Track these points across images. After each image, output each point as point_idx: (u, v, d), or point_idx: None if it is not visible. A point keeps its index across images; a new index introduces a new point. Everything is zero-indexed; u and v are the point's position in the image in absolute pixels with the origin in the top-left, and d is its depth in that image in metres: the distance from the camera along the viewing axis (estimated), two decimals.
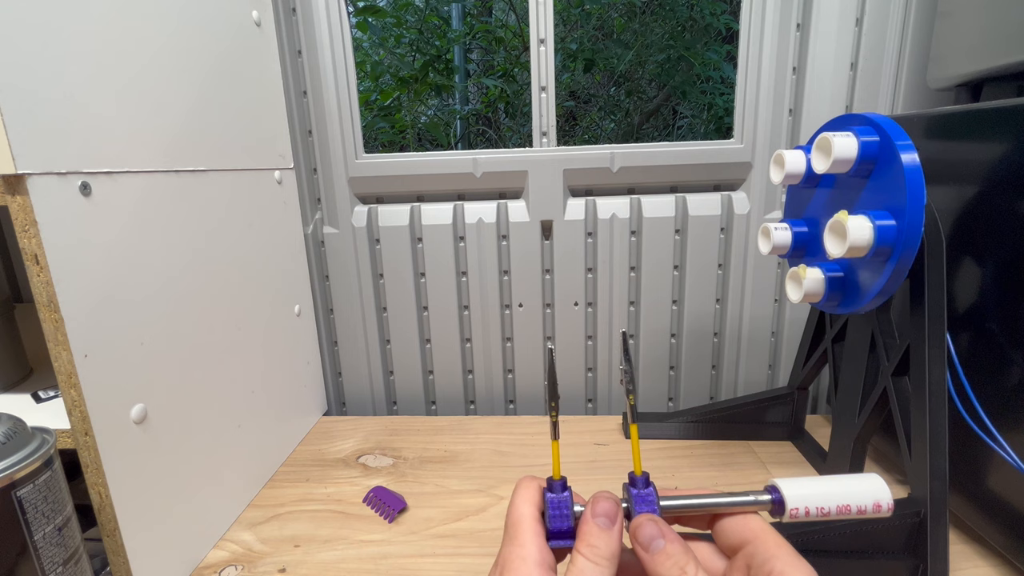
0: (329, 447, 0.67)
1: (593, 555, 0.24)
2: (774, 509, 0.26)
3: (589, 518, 0.25)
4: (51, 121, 0.35)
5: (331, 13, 0.68)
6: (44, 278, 0.34)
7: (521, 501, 0.26)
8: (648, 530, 0.24)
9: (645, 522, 0.24)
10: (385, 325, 0.77)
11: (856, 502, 0.25)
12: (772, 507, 0.26)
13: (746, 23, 0.66)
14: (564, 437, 0.67)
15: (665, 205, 0.70)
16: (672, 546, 0.24)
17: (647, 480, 0.26)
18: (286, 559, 0.48)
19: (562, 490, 0.26)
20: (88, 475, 0.38)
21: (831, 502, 0.25)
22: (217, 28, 0.52)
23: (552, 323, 0.75)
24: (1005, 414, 0.40)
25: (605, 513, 0.25)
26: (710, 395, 0.77)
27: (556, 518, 0.25)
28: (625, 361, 0.28)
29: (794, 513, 0.25)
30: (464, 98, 2.10)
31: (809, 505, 0.25)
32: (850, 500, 0.25)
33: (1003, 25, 0.48)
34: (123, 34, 0.41)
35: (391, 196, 0.74)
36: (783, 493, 0.25)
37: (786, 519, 0.25)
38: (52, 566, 0.33)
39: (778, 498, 0.26)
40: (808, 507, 0.25)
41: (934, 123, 0.48)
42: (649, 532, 0.24)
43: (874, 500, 0.25)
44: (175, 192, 0.46)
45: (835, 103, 0.66)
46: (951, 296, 0.45)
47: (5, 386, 0.51)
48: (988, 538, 0.45)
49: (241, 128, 0.56)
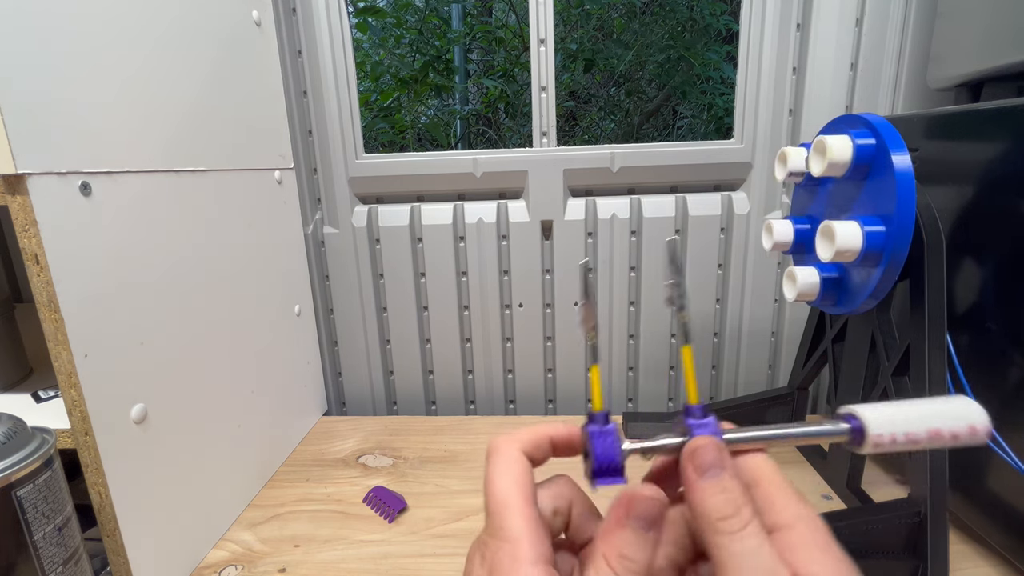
0: (329, 447, 0.67)
1: (623, 568, 0.19)
2: (853, 439, 0.22)
3: (623, 518, 0.20)
4: (51, 121, 0.35)
5: (331, 13, 0.68)
6: (44, 278, 0.34)
7: (501, 476, 0.21)
8: (709, 455, 0.20)
9: (709, 445, 0.20)
10: (385, 325, 0.77)
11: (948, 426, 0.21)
12: (850, 437, 0.22)
13: (746, 23, 0.66)
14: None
15: (665, 205, 0.70)
16: (731, 482, 0.19)
17: (705, 409, 0.22)
18: (286, 559, 0.48)
19: (605, 422, 0.22)
20: (88, 475, 0.38)
21: (920, 426, 0.21)
22: (217, 28, 0.52)
23: (552, 323, 0.75)
24: (1005, 414, 0.40)
25: (644, 515, 0.20)
26: (710, 395, 0.77)
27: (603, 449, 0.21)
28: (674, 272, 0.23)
29: (878, 441, 0.21)
30: (464, 98, 2.10)
31: (896, 431, 0.21)
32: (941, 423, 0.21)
33: (1003, 25, 0.48)
34: (123, 34, 0.41)
35: (391, 196, 0.74)
36: (863, 419, 0.22)
37: (868, 449, 0.22)
38: (52, 566, 0.33)
39: (857, 425, 0.22)
40: (895, 433, 0.21)
41: (934, 123, 0.48)
42: (710, 458, 0.20)
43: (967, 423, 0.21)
44: (175, 192, 0.46)
45: (835, 103, 0.66)
46: (951, 296, 0.45)
47: (5, 386, 0.51)
48: (988, 538, 0.45)
49: (241, 128, 0.56)
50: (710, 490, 0.19)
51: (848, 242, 0.38)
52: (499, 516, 0.20)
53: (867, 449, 0.22)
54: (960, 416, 0.21)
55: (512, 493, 0.21)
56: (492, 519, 0.21)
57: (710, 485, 0.19)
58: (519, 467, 0.21)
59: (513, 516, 0.20)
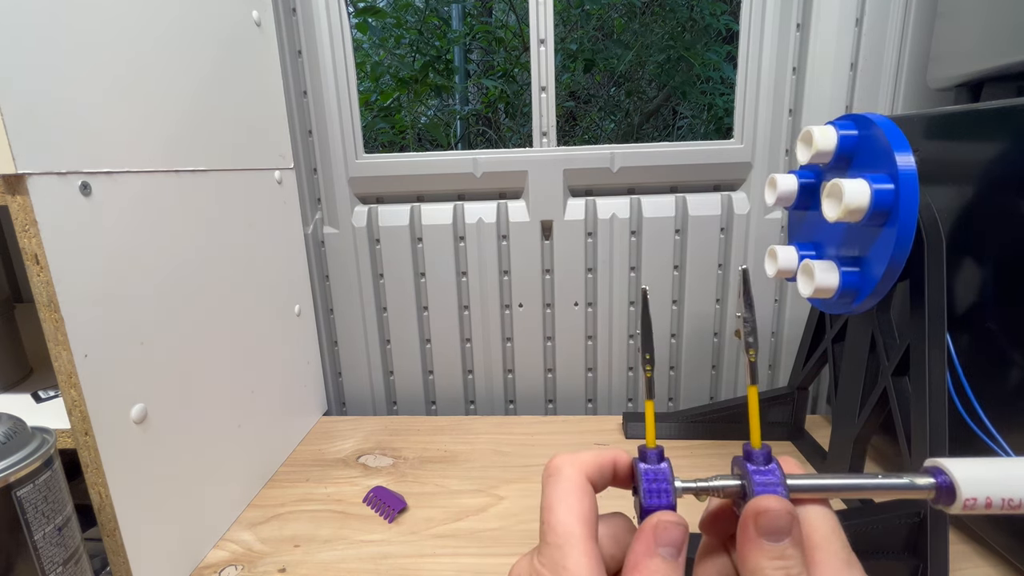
0: (329, 447, 0.67)
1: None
2: (939, 497, 0.20)
3: (652, 547, 0.19)
4: (51, 121, 0.35)
5: (331, 13, 0.68)
6: (44, 278, 0.34)
7: (565, 506, 0.20)
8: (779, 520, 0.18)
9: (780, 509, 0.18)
10: (385, 325, 0.77)
11: None
12: (936, 494, 0.20)
13: (746, 23, 0.66)
14: (563, 437, 0.67)
15: (665, 205, 0.70)
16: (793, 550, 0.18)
17: (769, 455, 0.20)
18: (286, 559, 0.48)
19: (658, 461, 0.21)
20: (88, 475, 0.38)
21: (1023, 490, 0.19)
22: (217, 28, 0.52)
23: (552, 323, 0.75)
24: (1005, 414, 0.40)
25: (672, 543, 0.19)
26: (710, 395, 0.77)
27: (653, 493, 0.20)
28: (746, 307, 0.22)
29: (969, 504, 0.19)
30: (464, 98, 2.10)
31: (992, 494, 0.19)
32: None
33: (1003, 25, 0.48)
34: (123, 34, 0.41)
35: (391, 196, 0.74)
36: (953, 476, 0.19)
37: (957, 510, 0.19)
38: (52, 566, 0.33)
39: (945, 482, 0.19)
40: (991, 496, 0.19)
41: (934, 123, 0.48)
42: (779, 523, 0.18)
43: None
44: (175, 192, 0.46)
45: (835, 103, 0.66)
46: (951, 296, 0.45)
47: (5, 386, 0.51)
48: (988, 538, 0.45)
49: (241, 128, 0.56)
50: (769, 554, 0.18)
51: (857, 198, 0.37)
52: (561, 551, 0.19)
53: (956, 510, 0.19)
54: None
55: (576, 526, 0.19)
56: (552, 551, 0.19)
57: (771, 549, 0.18)
58: (585, 496, 0.20)
59: (577, 553, 0.19)
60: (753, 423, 0.21)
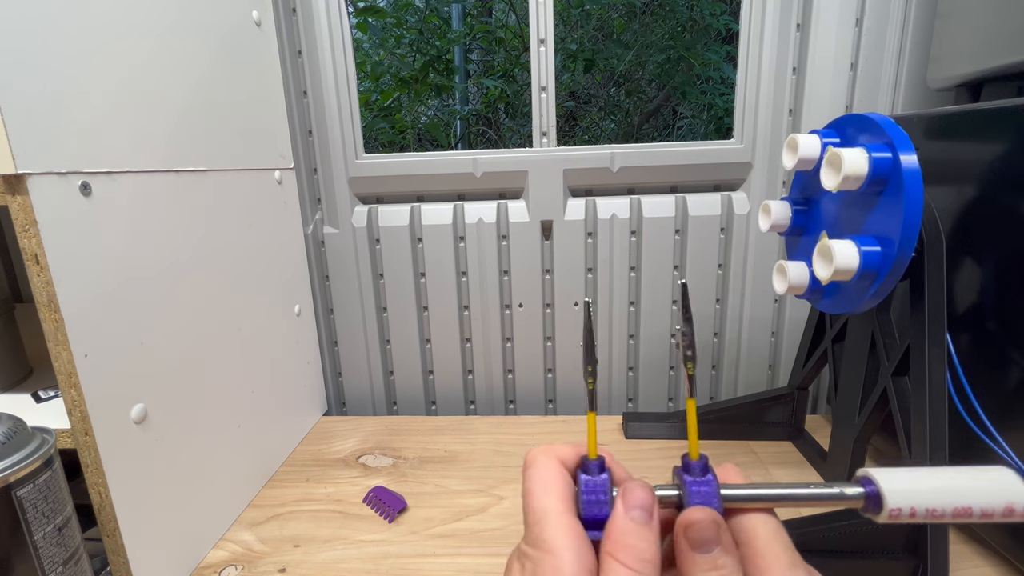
0: (329, 447, 0.67)
1: (632, 559, 0.19)
2: (867, 506, 0.21)
3: (622, 513, 0.20)
4: (51, 121, 0.35)
5: (331, 13, 0.68)
6: (44, 278, 0.34)
7: (540, 488, 0.21)
8: (706, 531, 0.19)
9: (705, 520, 0.20)
10: (385, 325, 0.77)
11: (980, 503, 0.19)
12: (864, 503, 0.21)
13: (746, 23, 0.66)
14: (563, 437, 0.67)
15: (665, 205, 0.70)
16: (725, 558, 0.19)
17: (705, 466, 0.21)
18: (286, 559, 0.48)
19: (599, 471, 0.21)
20: (88, 475, 0.38)
21: (946, 501, 0.20)
22: (217, 28, 0.52)
23: (552, 323, 0.75)
24: (1005, 414, 0.40)
25: (641, 505, 0.20)
26: (710, 395, 0.77)
27: (591, 504, 0.21)
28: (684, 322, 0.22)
29: (895, 514, 0.20)
30: (464, 98, 2.10)
31: (916, 504, 0.20)
32: (972, 500, 0.19)
33: (1003, 25, 0.48)
34: (123, 34, 0.41)
35: (391, 196, 0.74)
36: (880, 487, 0.20)
37: (883, 519, 0.20)
38: (52, 566, 0.33)
39: (873, 492, 0.20)
40: (915, 507, 0.20)
41: (934, 123, 0.48)
42: (706, 534, 0.19)
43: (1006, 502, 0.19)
44: (175, 192, 0.46)
45: (835, 103, 0.66)
46: (951, 296, 0.45)
47: (5, 386, 0.51)
48: (988, 538, 0.45)
49: (241, 128, 0.56)
50: (702, 565, 0.19)
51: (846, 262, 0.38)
52: (539, 526, 0.20)
53: (883, 519, 0.20)
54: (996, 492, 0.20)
55: (551, 503, 0.20)
56: (531, 529, 0.20)
57: (703, 560, 0.19)
58: (558, 477, 0.21)
59: (553, 526, 0.20)
60: (692, 434, 0.22)
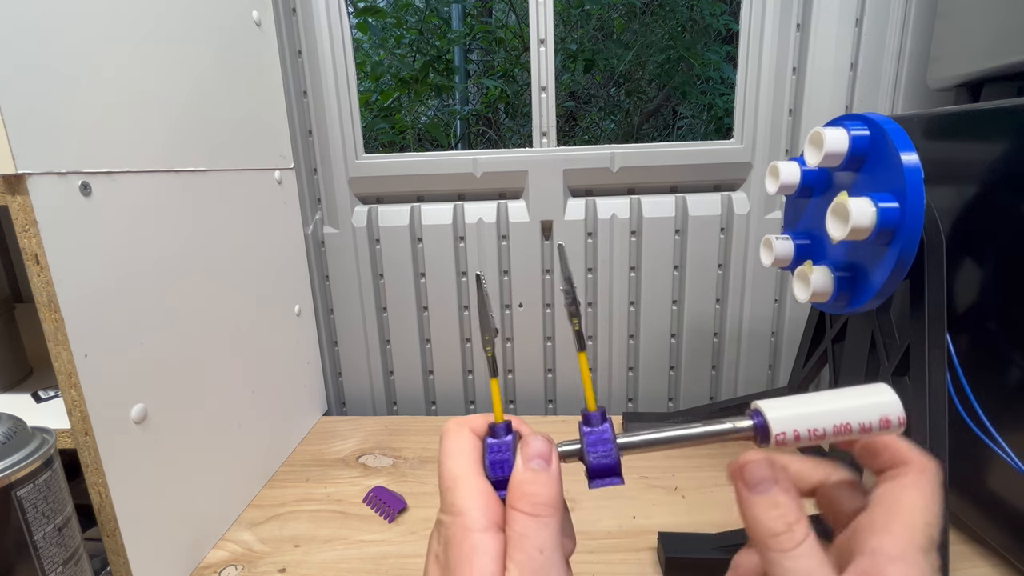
0: (329, 447, 0.67)
1: (533, 506, 0.20)
2: (757, 437, 0.21)
3: (521, 466, 0.21)
4: (51, 121, 0.35)
5: (331, 13, 0.68)
6: (44, 278, 0.34)
7: (451, 457, 0.22)
8: (759, 471, 0.20)
9: (760, 461, 0.20)
10: (385, 325, 0.77)
11: (857, 419, 0.20)
12: (755, 435, 0.21)
13: (746, 23, 0.66)
14: (563, 437, 0.67)
15: (665, 205, 0.70)
16: (783, 497, 0.19)
17: (603, 415, 0.23)
18: (286, 559, 0.48)
19: (506, 434, 0.22)
20: (88, 475, 0.38)
21: (825, 422, 0.21)
22: (217, 28, 0.52)
23: (552, 323, 0.75)
24: (1005, 414, 0.40)
25: (538, 455, 0.21)
26: (710, 395, 0.77)
27: (497, 464, 0.22)
28: (564, 280, 0.23)
29: (780, 439, 0.21)
30: (464, 98, 2.10)
31: (799, 427, 0.21)
32: (849, 417, 0.21)
33: (1003, 25, 0.48)
34: (123, 34, 0.41)
35: (391, 196, 0.74)
36: (766, 416, 0.21)
37: (772, 447, 0.21)
38: (52, 566, 0.33)
39: (761, 423, 0.21)
40: (798, 430, 0.21)
41: (934, 123, 0.48)
42: (760, 474, 0.20)
43: (880, 415, 0.20)
44: (175, 192, 0.46)
45: (835, 103, 0.66)
46: (951, 296, 0.45)
47: (5, 386, 0.51)
48: (988, 538, 0.45)
49: (241, 128, 0.56)
50: (761, 506, 0.19)
51: (862, 218, 0.36)
52: (450, 492, 0.21)
53: (772, 447, 0.21)
54: (871, 407, 0.21)
55: (459, 468, 0.21)
56: (444, 496, 0.21)
57: (761, 500, 0.19)
58: (468, 444, 0.22)
59: (462, 489, 0.21)
60: (587, 387, 0.23)
